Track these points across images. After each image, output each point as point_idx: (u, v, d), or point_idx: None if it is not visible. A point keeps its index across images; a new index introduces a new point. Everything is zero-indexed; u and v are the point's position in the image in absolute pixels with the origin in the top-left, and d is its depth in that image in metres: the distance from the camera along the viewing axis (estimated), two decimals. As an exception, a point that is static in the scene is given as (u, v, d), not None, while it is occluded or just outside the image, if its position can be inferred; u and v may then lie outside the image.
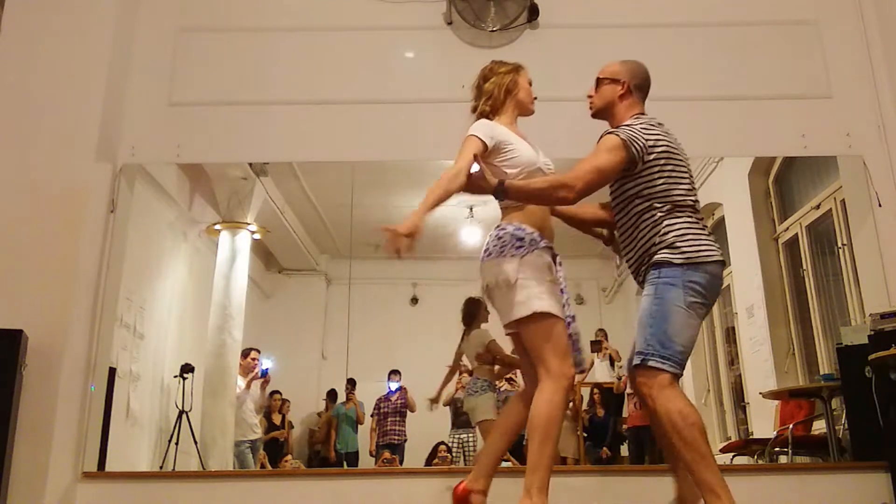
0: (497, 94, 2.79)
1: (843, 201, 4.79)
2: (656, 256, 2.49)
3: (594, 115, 2.82)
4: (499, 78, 2.83)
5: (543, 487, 2.39)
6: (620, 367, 7.67)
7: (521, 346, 2.64)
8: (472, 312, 5.47)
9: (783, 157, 5.72)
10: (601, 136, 2.62)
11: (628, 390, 7.36)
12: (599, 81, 2.81)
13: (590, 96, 2.83)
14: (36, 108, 3.83)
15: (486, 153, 2.62)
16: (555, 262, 2.63)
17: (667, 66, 4.24)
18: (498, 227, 2.64)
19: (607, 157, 2.51)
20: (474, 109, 2.83)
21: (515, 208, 2.64)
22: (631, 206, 2.59)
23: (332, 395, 8.04)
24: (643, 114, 2.74)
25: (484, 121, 2.72)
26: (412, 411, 7.38)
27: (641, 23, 4.31)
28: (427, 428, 7.07)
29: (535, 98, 2.88)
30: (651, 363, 2.39)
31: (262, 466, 6.80)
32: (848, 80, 4.17)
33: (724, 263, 2.57)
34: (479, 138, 2.61)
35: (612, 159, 2.51)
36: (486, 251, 2.61)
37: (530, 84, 2.86)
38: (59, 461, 3.42)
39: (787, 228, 5.86)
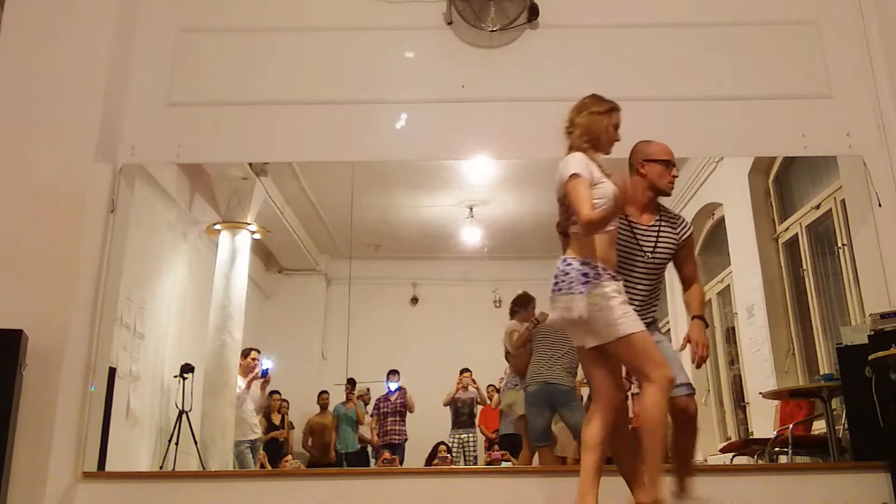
0: (595, 134, 2.87)
1: (843, 201, 4.79)
2: None
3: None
4: (597, 118, 2.90)
5: (657, 481, 2.62)
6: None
7: (591, 365, 2.76)
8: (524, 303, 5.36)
9: (783, 157, 5.72)
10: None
11: (632, 391, 7.36)
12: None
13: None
14: (36, 108, 3.83)
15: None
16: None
17: (667, 66, 4.26)
18: (564, 260, 2.73)
19: None
20: (570, 135, 2.89)
21: (582, 240, 2.72)
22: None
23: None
24: None
25: (580, 156, 2.79)
26: (411, 412, 7.38)
27: (641, 23, 4.31)
28: (427, 428, 7.08)
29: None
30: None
31: (262, 466, 6.80)
32: (848, 80, 4.17)
33: None
34: (583, 176, 2.71)
35: None
36: (555, 285, 2.71)
37: (618, 126, 2.93)
38: (59, 461, 3.42)
39: (787, 228, 5.85)
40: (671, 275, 3.17)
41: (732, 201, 6.58)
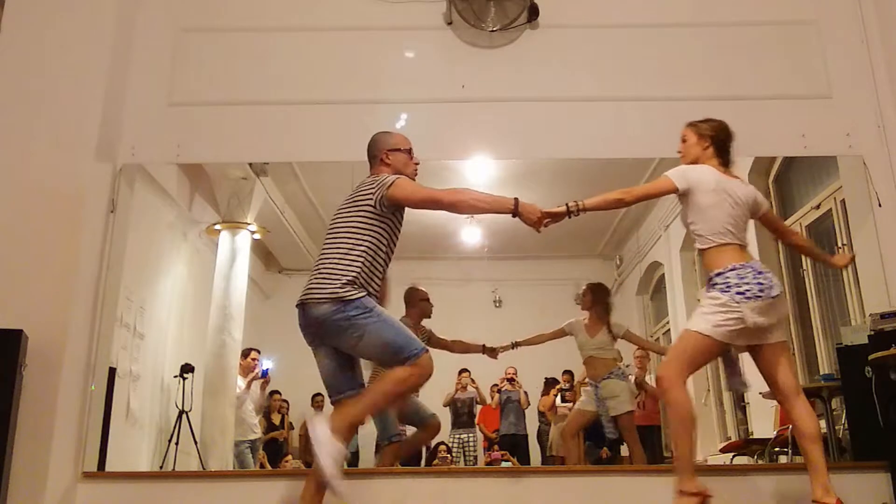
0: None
1: (843, 201, 4.79)
2: None
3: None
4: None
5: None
6: (626, 365, 7.67)
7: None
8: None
9: (783, 157, 5.72)
10: None
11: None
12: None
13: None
14: (36, 108, 3.82)
15: None
16: None
17: (667, 66, 4.26)
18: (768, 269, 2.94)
19: None
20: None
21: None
22: None
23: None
24: None
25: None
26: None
27: (641, 23, 4.31)
28: (427, 428, 7.06)
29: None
30: None
31: (262, 466, 6.79)
32: (848, 80, 4.17)
33: None
34: None
35: None
36: (780, 289, 2.92)
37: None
38: (59, 461, 3.42)
39: (787, 228, 5.86)
40: (671, 273, 3.18)
41: (732, 201, 6.57)
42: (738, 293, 2.84)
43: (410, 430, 4.59)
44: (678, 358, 2.87)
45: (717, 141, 3.12)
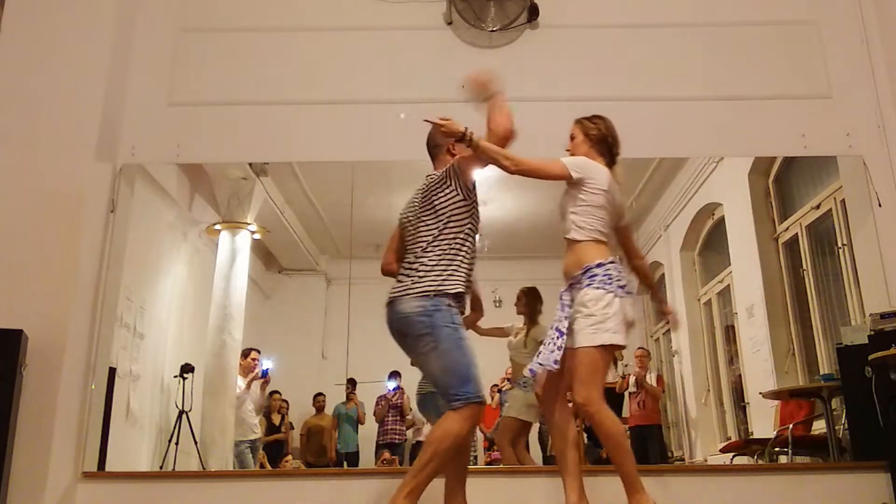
0: None
1: (843, 201, 4.79)
2: None
3: None
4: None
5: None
6: (626, 365, 7.68)
7: None
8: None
9: (783, 157, 5.72)
10: None
11: (630, 390, 7.37)
12: None
13: None
14: (36, 108, 3.82)
15: None
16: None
17: (667, 66, 4.26)
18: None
19: None
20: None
21: None
22: None
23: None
24: None
25: None
26: (405, 414, 7.39)
27: (641, 23, 4.31)
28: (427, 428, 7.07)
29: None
30: None
31: (262, 466, 6.80)
32: (848, 80, 4.17)
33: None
34: None
35: None
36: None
37: None
38: (59, 461, 3.42)
39: (787, 228, 5.85)
40: (671, 273, 3.19)
41: (732, 201, 6.58)
42: (620, 286, 2.80)
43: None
44: (591, 381, 2.78)
45: (603, 141, 3.03)
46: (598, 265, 2.82)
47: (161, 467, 6.03)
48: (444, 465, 2.75)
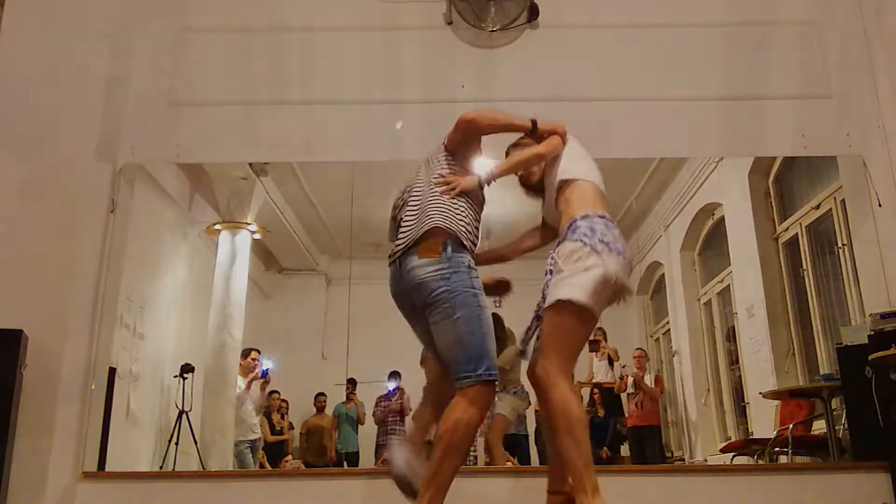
0: None
1: (843, 201, 4.80)
2: None
3: None
4: None
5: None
6: (623, 366, 7.69)
7: None
8: None
9: (783, 157, 5.72)
10: None
11: (628, 390, 7.38)
12: None
13: None
14: (36, 108, 3.82)
15: None
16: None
17: (667, 66, 4.25)
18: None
19: None
20: None
21: None
22: None
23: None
24: None
25: None
26: (405, 415, 7.39)
27: (641, 23, 4.30)
28: (427, 428, 7.07)
29: None
30: None
31: (262, 466, 6.80)
32: (848, 80, 4.17)
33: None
34: None
35: None
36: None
37: None
38: (59, 461, 3.42)
39: (787, 228, 5.86)
40: (671, 273, 3.17)
41: (732, 201, 6.59)
42: (603, 242, 2.47)
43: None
44: (551, 349, 2.44)
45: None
46: (584, 217, 2.56)
47: (161, 467, 6.03)
48: (462, 458, 2.45)
